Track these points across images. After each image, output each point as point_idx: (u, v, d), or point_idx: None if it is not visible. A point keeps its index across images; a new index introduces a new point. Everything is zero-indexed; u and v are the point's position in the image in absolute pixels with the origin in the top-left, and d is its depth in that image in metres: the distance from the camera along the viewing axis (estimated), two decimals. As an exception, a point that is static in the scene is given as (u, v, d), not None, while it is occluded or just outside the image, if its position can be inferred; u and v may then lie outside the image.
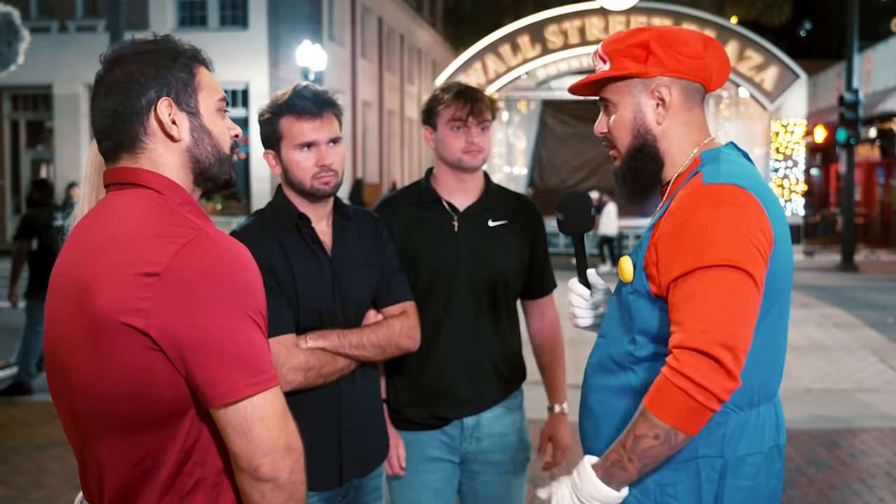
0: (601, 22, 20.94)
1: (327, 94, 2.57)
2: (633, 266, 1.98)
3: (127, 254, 1.52)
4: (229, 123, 1.73)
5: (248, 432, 1.50)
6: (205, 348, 1.49)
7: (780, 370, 2.01)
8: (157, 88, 1.62)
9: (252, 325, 1.53)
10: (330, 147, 2.53)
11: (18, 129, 22.75)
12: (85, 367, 1.55)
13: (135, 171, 1.63)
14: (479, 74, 20.77)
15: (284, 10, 21.67)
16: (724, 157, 1.97)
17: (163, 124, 1.62)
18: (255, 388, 1.51)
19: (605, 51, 2.04)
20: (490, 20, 29.93)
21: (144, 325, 1.48)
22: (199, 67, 1.68)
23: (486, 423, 2.88)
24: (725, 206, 1.84)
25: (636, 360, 1.97)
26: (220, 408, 1.51)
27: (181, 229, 1.54)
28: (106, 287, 1.50)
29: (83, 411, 1.59)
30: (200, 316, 1.48)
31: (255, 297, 1.55)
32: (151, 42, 1.67)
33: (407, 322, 2.64)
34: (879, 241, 24.17)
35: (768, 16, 32.57)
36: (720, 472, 1.92)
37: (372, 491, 2.73)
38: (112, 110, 1.62)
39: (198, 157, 1.66)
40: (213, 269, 1.51)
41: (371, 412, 2.69)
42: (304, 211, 2.58)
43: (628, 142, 2.04)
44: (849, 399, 7.54)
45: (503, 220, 2.89)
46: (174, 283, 1.48)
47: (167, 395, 1.52)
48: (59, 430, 6.32)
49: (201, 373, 1.49)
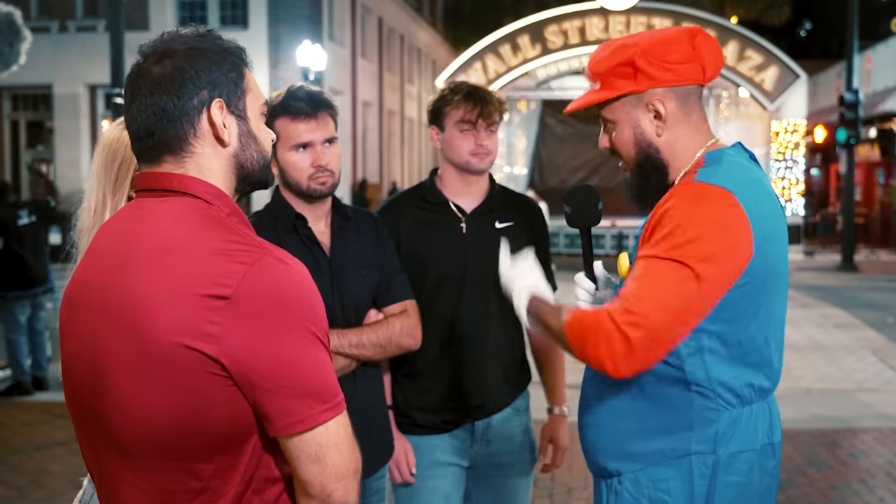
0: (601, 22, 20.93)
1: (322, 95, 2.57)
2: (630, 263, 2.00)
3: (187, 271, 1.43)
4: (268, 130, 1.66)
5: (322, 459, 1.46)
6: (279, 377, 1.42)
7: (776, 369, 2.01)
8: (210, 88, 1.52)
9: (321, 347, 1.47)
10: (326, 147, 2.54)
11: (18, 129, 22.75)
12: (128, 391, 1.45)
13: (180, 179, 1.52)
14: (479, 74, 20.76)
15: (284, 10, 21.68)
16: (727, 158, 1.98)
17: (215, 127, 1.52)
18: (329, 414, 1.46)
19: (594, 72, 2.07)
20: (490, 20, 29.90)
21: (215, 351, 1.40)
22: (245, 69, 1.59)
23: (496, 426, 2.87)
24: (701, 205, 1.87)
25: None
26: (293, 436, 1.44)
27: (244, 247, 1.46)
28: (165, 307, 1.42)
29: (128, 437, 1.48)
30: (273, 342, 1.42)
31: (322, 319, 1.49)
32: (199, 37, 1.55)
33: (408, 321, 2.64)
34: (879, 241, 24.16)
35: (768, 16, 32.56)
36: (712, 468, 1.95)
37: (375, 493, 2.73)
38: (160, 108, 1.50)
39: (243, 162, 1.57)
40: (283, 293, 1.44)
41: (373, 412, 2.69)
42: (301, 211, 2.58)
43: (632, 156, 2.06)
44: (849, 399, 7.54)
45: (509, 222, 2.89)
46: (246, 307, 1.41)
47: (226, 422, 1.45)
48: (59, 430, 6.34)
49: (273, 401, 1.43)
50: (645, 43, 2.00)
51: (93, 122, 21.95)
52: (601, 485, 2.09)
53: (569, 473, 5.34)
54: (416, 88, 33.62)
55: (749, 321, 1.90)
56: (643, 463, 1.99)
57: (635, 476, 1.99)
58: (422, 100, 34.13)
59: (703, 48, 2.01)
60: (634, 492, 1.99)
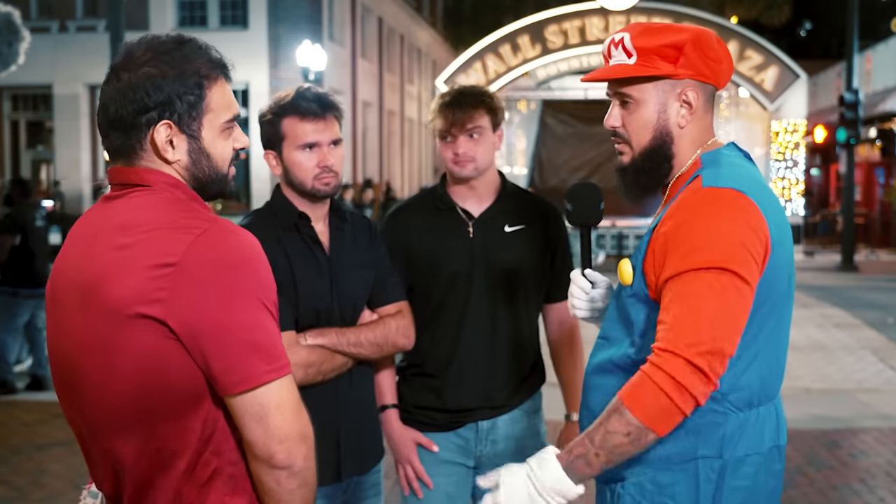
0: (601, 22, 20.93)
1: (329, 97, 2.60)
2: (633, 269, 1.97)
3: (140, 246, 1.53)
4: (237, 135, 1.71)
5: (265, 419, 1.52)
6: (222, 336, 1.50)
7: (782, 371, 2.00)
8: (160, 109, 1.60)
9: (267, 313, 1.55)
10: (331, 148, 2.56)
11: (18, 129, 22.76)
12: (97, 362, 1.55)
13: (137, 172, 1.63)
14: (479, 74, 20.77)
15: (284, 10, 21.68)
16: (725, 159, 1.96)
17: (156, 146, 1.61)
18: (272, 375, 1.53)
19: (636, 45, 1.96)
20: (490, 20, 29.91)
21: (162, 314, 1.49)
22: (213, 84, 1.64)
23: (502, 426, 2.87)
24: (722, 210, 1.84)
25: (635, 362, 1.96)
26: (237, 395, 1.52)
27: (195, 220, 1.55)
28: (119, 279, 1.51)
29: (96, 408, 1.58)
30: (218, 304, 1.50)
31: (269, 288, 1.57)
32: (172, 48, 1.62)
33: (403, 321, 2.69)
34: (879, 241, 24.16)
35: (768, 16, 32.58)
36: (719, 472, 1.92)
37: (371, 486, 2.75)
38: (114, 114, 1.61)
39: (195, 174, 1.66)
40: (229, 258, 1.53)
41: (368, 409, 2.73)
42: (303, 211, 2.60)
43: (646, 141, 2.00)
44: (849, 399, 7.54)
45: (520, 225, 2.87)
46: (191, 272, 1.50)
47: (181, 385, 1.53)
48: (59, 430, 6.33)
49: (218, 361, 1.51)
50: (695, 31, 1.97)
51: (93, 123, 21.95)
52: (604, 489, 2.07)
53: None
54: (416, 88, 33.61)
55: (762, 325, 1.89)
56: (647, 467, 1.96)
57: (639, 481, 1.96)
58: (422, 100, 34.13)
59: (726, 54, 2.01)
60: (638, 496, 1.96)
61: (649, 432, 1.78)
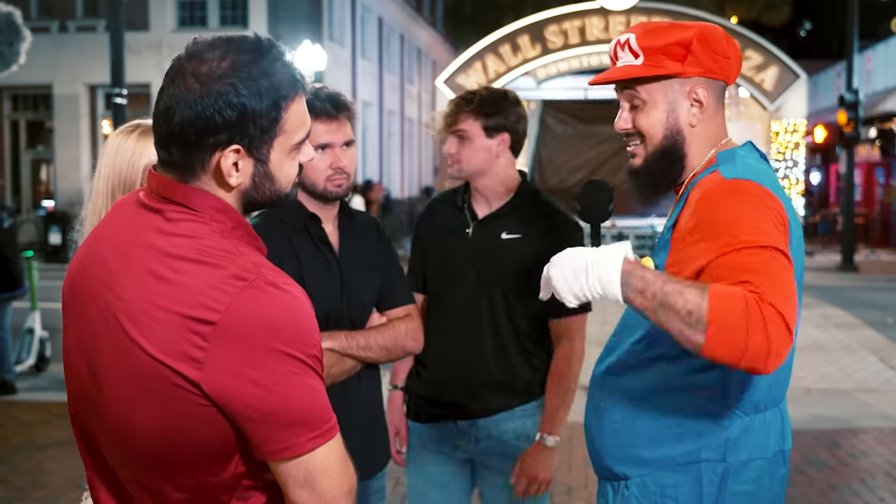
0: (601, 22, 20.93)
1: (342, 97, 2.57)
2: (656, 267, 1.92)
3: (180, 287, 1.40)
4: (306, 151, 1.55)
5: (311, 484, 1.42)
6: (264, 407, 1.39)
7: (788, 376, 1.99)
8: (231, 133, 1.43)
9: (310, 372, 1.43)
10: (344, 150, 2.54)
11: (18, 129, 22.74)
12: (120, 395, 1.45)
13: (185, 192, 1.47)
14: (479, 74, 20.77)
15: (284, 10, 21.67)
16: (740, 158, 1.93)
17: (222, 172, 1.46)
18: (318, 441, 1.42)
19: (641, 45, 1.93)
20: (490, 20, 29.90)
21: (196, 376, 1.38)
22: (291, 104, 1.48)
23: (500, 422, 2.86)
24: (752, 197, 1.79)
25: (647, 360, 1.96)
26: (280, 462, 1.42)
27: (238, 266, 1.41)
28: (153, 324, 1.40)
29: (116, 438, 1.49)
30: (258, 374, 1.38)
31: (313, 341, 1.44)
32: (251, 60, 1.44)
33: (412, 324, 2.67)
34: (879, 241, 24.15)
35: (768, 16, 32.59)
36: (721, 476, 1.92)
37: (375, 492, 2.74)
38: (178, 125, 1.43)
39: (253, 198, 1.52)
40: (271, 319, 1.39)
41: (375, 414, 2.72)
42: (313, 212, 2.59)
43: (658, 142, 1.97)
44: (849, 399, 7.54)
45: (517, 234, 2.83)
46: (231, 336, 1.37)
47: (209, 442, 1.43)
48: (59, 430, 6.33)
49: (258, 429, 1.40)
50: (700, 27, 1.93)
51: (93, 123, 21.95)
52: (607, 487, 2.07)
53: (569, 473, 5.34)
54: (416, 88, 33.60)
55: None
56: (651, 468, 1.96)
57: (642, 481, 1.97)
58: (422, 100, 34.13)
59: (734, 52, 1.97)
60: (641, 496, 1.97)
61: (700, 336, 1.63)
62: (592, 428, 2.09)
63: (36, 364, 8.30)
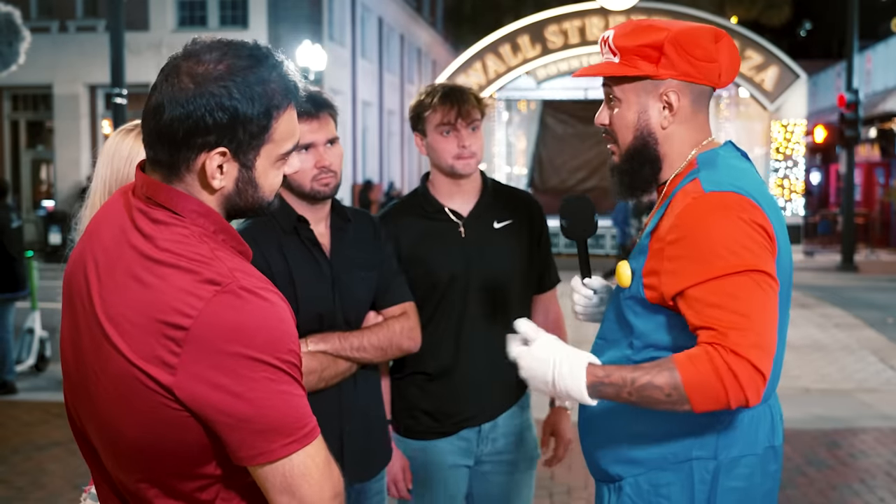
0: (601, 22, 20.92)
1: (322, 95, 2.54)
2: (633, 272, 1.95)
3: (156, 292, 1.40)
4: (292, 163, 1.56)
5: (291, 490, 1.41)
6: (235, 413, 1.38)
7: (777, 373, 2.00)
8: (219, 135, 1.43)
9: (286, 378, 1.41)
10: (328, 148, 2.51)
11: (18, 129, 22.75)
12: (109, 394, 1.45)
13: (168, 194, 1.47)
14: (479, 74, 20.76)
15: (284, 10, 21.67)
16: (722, 160, 1.94)
17: (206, 174, 1.46)
18: (294, 447, 1.41)
19: (617, 45, 1.96)
20: (490, 20, 29.89)
21: (170, 382, 1.37)
22: (283, 114, 1.48)
23: (501, 423, 2.87)
24: (732, 213, 1.82)
25: (635, 362, 1.97)
26: (257, 466, 1.41)
27: (214, 271, 1.41)
28: (132, 329, 1.40)
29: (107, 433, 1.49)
30: (230, 379, 1.37)
31: (289, 346, 1.42)
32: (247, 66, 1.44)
33: (408, 323, 2.63)
34: (879, 241, 24.15)
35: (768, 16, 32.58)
36: (713, 473, 1.93)
37: (375, 494, 2.72)
38: (167, 123, 1.43)
39: (235, 203, 1.51)
40: (244, 325, 1.38)
41: (373, 415, 2.68)
42: (302, 213, 2.55)
43: (629, 141, 1.99)
44: (849, 399, 7.54)
45: (508, 220, 2.85)
46: (203, 341, 1.37)
47: (187, 445, 1.43)
48: (59, 430, 6.33)
49: (231, 436, 1.39)
50: (675, 30, 1.94)
51: (93, 123, 21.95)
52: (603, 489, 2.09)
53: (569, 473, 5.34)
54: (416, 88, 33.59)
55: None
56: (644, 468, 1.97)
57: (636, 480, 1.98)
58: (422, 100, 34.11)
59: (724, 52, 1.96)
60: (635, 496, 1.98)
61: (686, 405, 1.77)
62: (586, 430, 2.11)
63: (36, 364, 8.31)
